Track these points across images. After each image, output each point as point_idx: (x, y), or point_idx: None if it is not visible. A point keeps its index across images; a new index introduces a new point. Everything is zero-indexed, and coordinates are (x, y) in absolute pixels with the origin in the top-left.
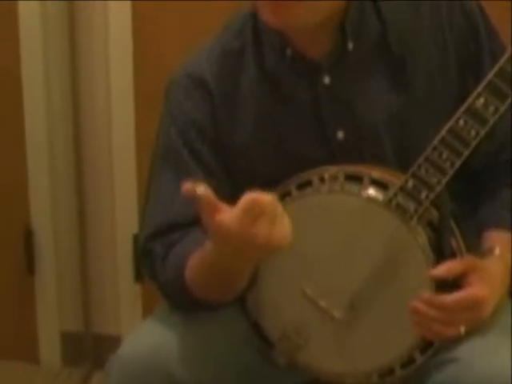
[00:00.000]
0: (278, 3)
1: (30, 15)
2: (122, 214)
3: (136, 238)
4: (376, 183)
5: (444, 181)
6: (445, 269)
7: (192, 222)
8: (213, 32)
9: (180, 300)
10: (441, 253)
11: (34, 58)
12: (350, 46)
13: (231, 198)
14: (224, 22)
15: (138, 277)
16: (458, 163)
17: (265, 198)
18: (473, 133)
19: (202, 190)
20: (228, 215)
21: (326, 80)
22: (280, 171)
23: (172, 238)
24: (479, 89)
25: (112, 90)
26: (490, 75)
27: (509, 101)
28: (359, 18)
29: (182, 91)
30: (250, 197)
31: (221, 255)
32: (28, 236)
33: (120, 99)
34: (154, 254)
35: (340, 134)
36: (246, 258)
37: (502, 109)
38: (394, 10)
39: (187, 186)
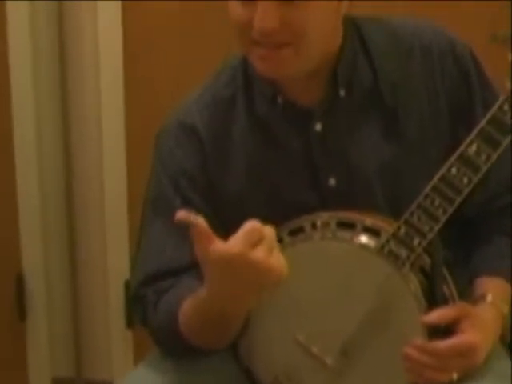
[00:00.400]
0: (269, 53)
1: (18, 15)
2: (113, 260)
3: (127, 284)
4: (368, 230)
5: (436, 228)
6: (437, 315)
7: (184, 268)
8: (204, 69)
9: (172, 346)
10: (433, 299)
11: (23, 59)
12: (342, 93)
13: None
14: (216, 63)
15: (130, 323)
16: (450, 210)
17: (264, 226)
18: (465, 180)
19: (197, 217)
20: (223, 244)
21: (318, 127)
22: (272, 218)
23: (164, 284)
24: (471, 136)
25: (104, 135)
26: (483, 123)
27: (501, 148)
28: (351, 66)
29: (173, 140)
30: (250, 223)
31: (217, 298)
32: (19, 282)
33: (112, 146)
34: (146, 300)
35: (332, 181)
36: (245, 291)
37: (495, 156)
38: (385, 58)
39: (181, 213)
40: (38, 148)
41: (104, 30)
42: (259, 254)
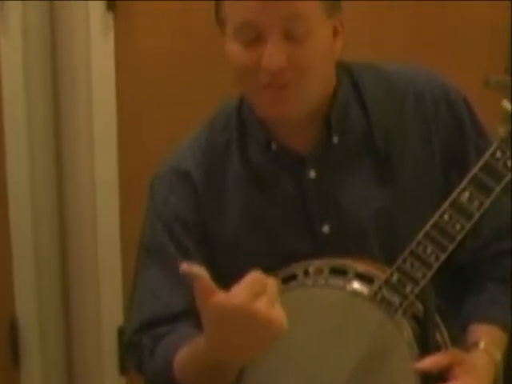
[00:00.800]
0: (275, 94)
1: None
2: (106, 307)
3: (121, 330)
4: (361, 277)
5: (429, 275)
6: (430, 362)
7: (180, 314)
8: (198, 115)
9: None
10: (426, 346)
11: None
12: (335, 139)
13: None
14: (210, 108)
15: (123, 370)
16: (443, 257)
17: (267, 278)
18: (458, 227)
19: (200, 269)
20: (225, 295)
21: (312, 174)
22: (266, 264)
23: (160, 331)
24: (464, 183)
25: (96, 179)
26: (475, 169)
27: (494, 195)
28: (344, 112)
29: (167, 186)
30: (253, 274)
31: (216, 349)
32: (13, 328)
33: (105, 191)
34: (141, 346)
35: (325, 228)
36: (244, 343)
37: (487, 203)
38: (378, 104)
39: (184, 266)
40: (32, 192)
41: (98, 98)
42: (261, 305)
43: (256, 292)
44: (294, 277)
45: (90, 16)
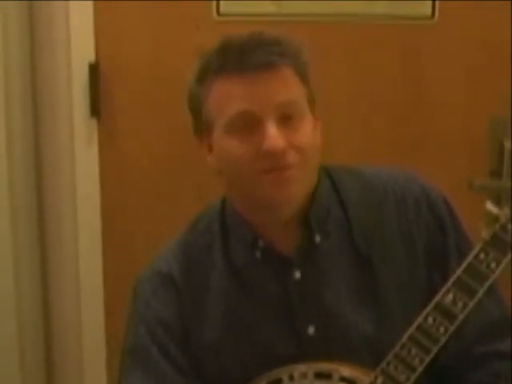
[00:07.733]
0: (279, 175)
1: None
2: None
3: None
4: (345, 380)
5: (413, 377)
6: None
7: None
8: (178, 224)
9: None
10: None
11: None
12: (317, 239)
13: None
14: (192, 212)
15: None
16: (427, 360)
17: None
18: (442, 329)
19: None
20: None
21: (297, 275)
22: (250, 368)
23: None
24: (448, 285)
25: (82, 283)
26: (459, 271)
27: (477, 297)
28: (325, 212)
29: (150, 289)
30: None
31: None
32: None
33: (89, 296)
34: None
35: (311, 329)
36: None
37: (471, 305)
38: (359, 208)
39: None
40: (17, 298)
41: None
42: None
43: None
44: (279, 381)
45: (74, 121)
